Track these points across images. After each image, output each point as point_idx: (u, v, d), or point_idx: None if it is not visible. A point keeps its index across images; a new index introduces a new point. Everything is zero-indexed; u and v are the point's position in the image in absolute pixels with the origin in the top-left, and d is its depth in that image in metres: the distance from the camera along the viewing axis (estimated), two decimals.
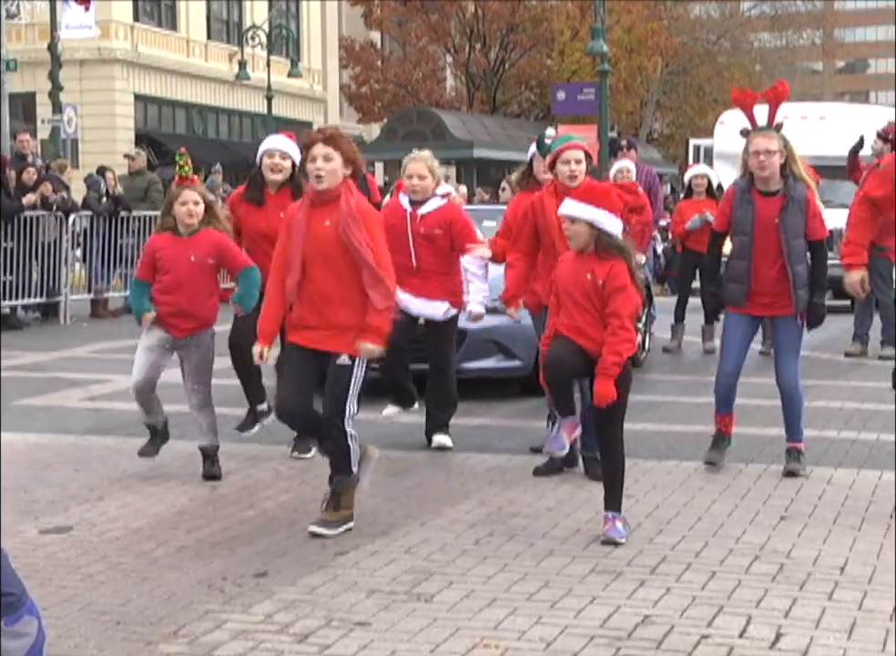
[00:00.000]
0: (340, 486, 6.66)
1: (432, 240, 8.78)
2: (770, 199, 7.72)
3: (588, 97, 32.50)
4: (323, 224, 6.53)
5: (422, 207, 8.81)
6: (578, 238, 6.43)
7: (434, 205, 8.83)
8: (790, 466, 7.90)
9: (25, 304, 17.63)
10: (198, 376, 7.87)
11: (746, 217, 7.76)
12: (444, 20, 48.02)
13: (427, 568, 5.97)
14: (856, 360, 12.63)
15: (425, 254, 8.78)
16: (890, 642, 5.02)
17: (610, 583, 5.78)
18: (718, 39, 54.30)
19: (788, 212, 7.68)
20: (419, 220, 8.78)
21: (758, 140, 7.65)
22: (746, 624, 5.24)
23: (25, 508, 7.16)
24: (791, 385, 7.98)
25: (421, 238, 8.77)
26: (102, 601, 5.56)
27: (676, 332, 14.53)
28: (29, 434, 9.40)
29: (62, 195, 17.78)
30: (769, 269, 7.76)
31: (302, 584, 5.80)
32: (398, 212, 8.85)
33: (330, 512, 6.61)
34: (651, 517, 6.94)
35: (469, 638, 5.07)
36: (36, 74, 33.50)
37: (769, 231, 7.70)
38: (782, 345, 7.99)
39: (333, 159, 6.47)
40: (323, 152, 6.47)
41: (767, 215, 7.70)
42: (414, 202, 8.84)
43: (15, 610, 2.10)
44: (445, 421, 9.00)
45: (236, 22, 46.35)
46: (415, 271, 8.72)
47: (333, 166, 6.48)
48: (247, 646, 5.00)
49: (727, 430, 8.16)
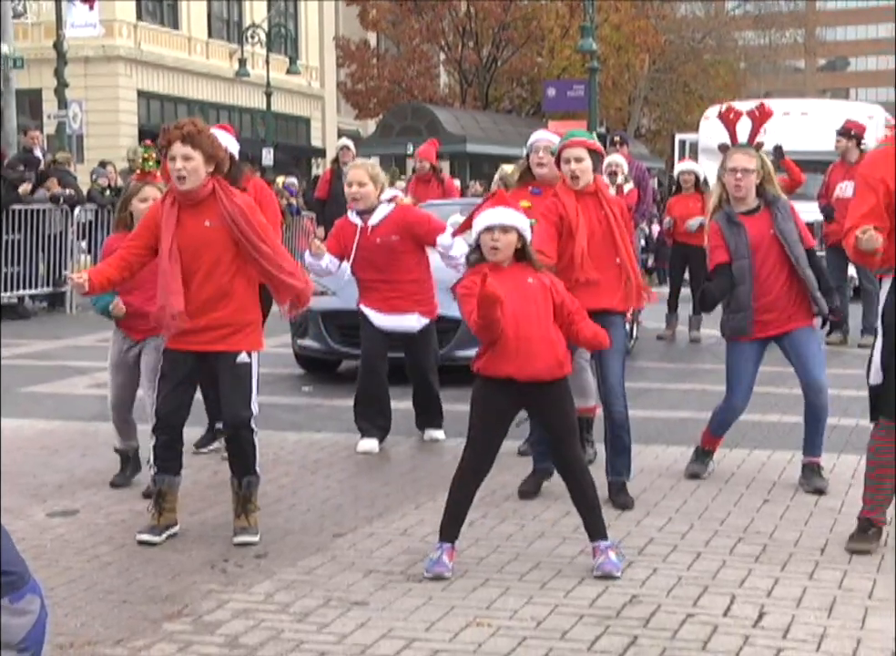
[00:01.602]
0: (250, 487, 6.31)
1: (391, 248, 8.32)
2: (755, 216, 7.25)
3: (578, 93, 32.52)
4: (203, 225, 6.14)
5: (371, 217, 8.36)
6: (509, 248, 5.65)
7: (383, 213, 8.37)
8: (818, 484, 7.22)
9: (32, 294, 17.62)
10: (151, 381, 6.95)
11: (740, 241, 7.22)
12: (437, 19, 47.97)
13: (422, 550, 5.97)
14: (836, 348, 12.64)
15: (384, 265, 8.36)
16: (868, 620, 5.04)
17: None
18: (704, 37, 54.30)
19: (780, 221, 7.22)
20: (370, 232, 8.34)
21: (737, 157, 7.18)
22: (730, 603, 5.25)
23: (33, 492, 7.17)
24: (826, 397, 7.32)
25: (377, 249, 8.31)
26: (108, 581, 5.57)
27: (670, 321, 14.67)
28: (37, 420, 9.41)
29: (70, 192, 17.73)
30: (775, 283, 7.22)
31: (301, 565, 5.81)
32: (348, 230, 8.44)
33: (244, 518, 6.26)
34: (639, 500, 6.95)
35: (463, 616, 5.09)
36: (42, 71, 33.41)
37: (768, 247, 7.21)
38: (811, 358, 7.28)
39: (193, 158, 6.07)
40: (182, 152, 6.07)
41: (758, 232, 7.22)
42: (363, 214, 8.38)
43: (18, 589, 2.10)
44: (435, 416, 8.75)
45: (236, 21, 46.27)
46: (378, 282, 8.38)
47: (194, 164, 6.08)
48: (248, 624, 5.01)
49: (713, 448, 7.72)
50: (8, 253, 16.79)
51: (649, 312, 14.82)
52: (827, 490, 7.17)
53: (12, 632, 2.16)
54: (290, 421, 9.28)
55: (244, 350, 6.27)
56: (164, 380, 6.30)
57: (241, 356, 6.25)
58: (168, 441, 6.32)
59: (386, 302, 8.42)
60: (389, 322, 8.46)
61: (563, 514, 6.52)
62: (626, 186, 13.52)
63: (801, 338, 7.30)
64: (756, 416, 8.91)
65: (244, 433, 6.28)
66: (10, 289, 17.01)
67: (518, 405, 5.78)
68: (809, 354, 7.30)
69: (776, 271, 7.22)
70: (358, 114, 50.37)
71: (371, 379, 8.53)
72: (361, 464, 8.03)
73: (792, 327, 7.29)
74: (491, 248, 5.63)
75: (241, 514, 6.29)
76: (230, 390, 6.27)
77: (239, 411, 6.25)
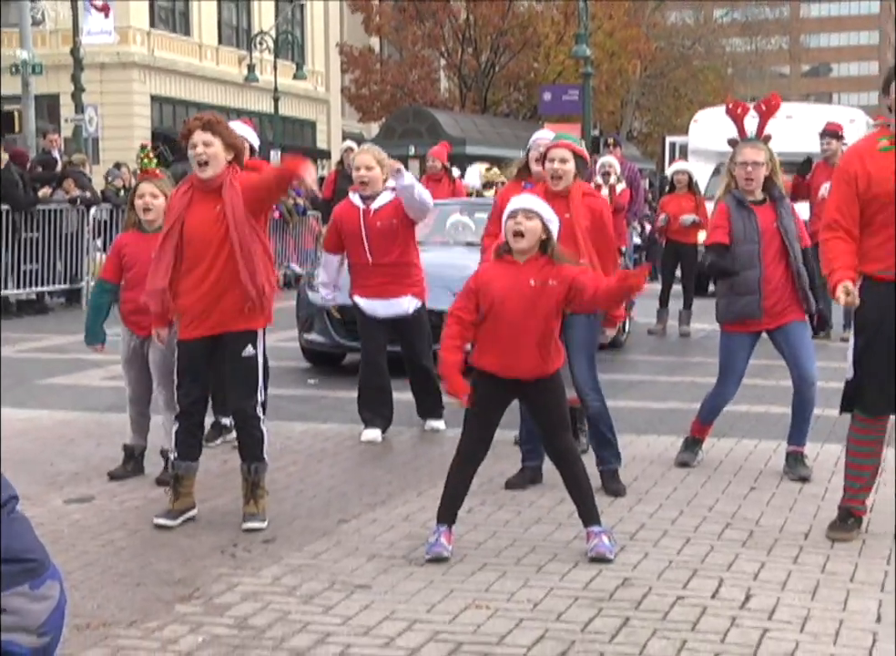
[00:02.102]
0: (257, 474, 6.30)
1: (391, 231, 8.30)
2: (762, 207, 7.27)
3: (572, 97, 32.46)
4: (214, 209, 6.12)
5: (374, 201, 8.34)
6: (533, 234, 5.49)
7: (386, 198, 8.34)
8: (802, 472, 7.21)
9: (50, 290, 17.61)
10: (161, 378, 7.02)
11: (750, 226, 7.23)
12: (438, 26, 47.94)
13: (423, 535, 5.96)
14: (820, 341, 12.63)
15: (381, 249, 8.32)
16: (850, 602, 5.04)
17: None
18: (693, 44, 54.35)
19: (783, 216, 7.26)
20: (373, 215, 8.30)
21: (747, 151, 7.21)
22: (718, 586, 5.25)
23: (50, 480, 7.17)
24: (815, 389, 7.32)
25: (377, 232, 8.29)
26: (122, 565, 5.57)
27: (661, 316, 14.64)
28: (55, 410, 9.40)
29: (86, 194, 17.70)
30: (774, 272, 7.23)
31: (308, 550, 5.80)
32: (351, 212, 8.40)
33: (253, 504, 6.26)
34: (630, 488, 6.95)
35: (462, 599, 5.09)
36: (60, 77, 33.37)
37: (771, 238, 7.23)
38: (803, 351, 7.28)
39: (213, 144, 6.09)
40: (203, 138, 6.09)
41: (764, 221, 7.24)
42: (366, 198, 8.35)
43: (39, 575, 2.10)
44: (435, 406, 8.67)
45: (245, 28, 46.19)
46: (371, 267, 8.34)
47: (214, 150, 6.09)
48: (256, 606, 5.01)
49: (702, 436, 7.70)
50: (27, 251, 16.79)
51: (640, 308, 14.82)
52: (811, 478, 7.16)
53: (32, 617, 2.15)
54: (298, 412, 9.28)
55: (254, 328, 6.23)
56: (182, 372, 6.30)
57: (247, 350, 6.23)
58: (190, 427, 6.34)
59: (379, 287, 8.37)
60: (383, 309, 8.43)
61: (558, 501, 6.52)
62: (619, 186, 13.52)
63: (795, 332, 7.29)
64: (744, 407, 8.92)
65: (251, 421, 6.29)
66: (29, 285, 17.01)
67: (510, 395, 5.75)
68: (801, 348, 7.29)
69: (775, 262, 7.22)
70: (361, 117, 50.30)
71: (371, 371, 8.53)
72: (365, 453, 8.03)
73: (786, 320, 7.27)
74: (514, 232, 5.49)
75: (250, 499, 6.29)
76: (237, 381, 6.28)
77: (245, 401, 6.26)
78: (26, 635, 2.13)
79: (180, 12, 43.46)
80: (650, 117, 55.51)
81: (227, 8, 45.84)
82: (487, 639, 4.65)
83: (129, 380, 7.30)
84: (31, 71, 24.97)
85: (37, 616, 2.16)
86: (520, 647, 4.57)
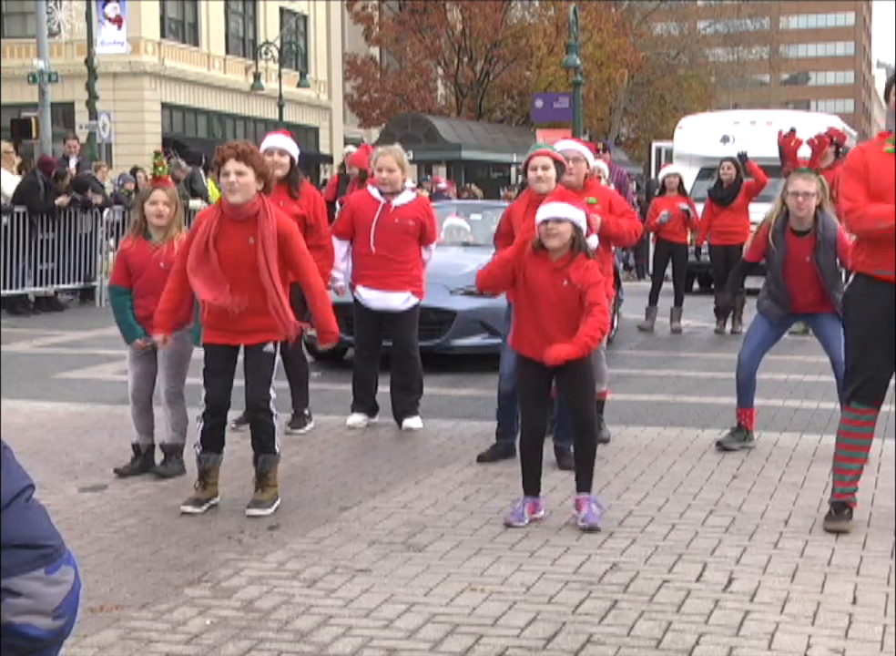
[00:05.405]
0: (266, 464, 6.31)
1: (405, 230, 8.33)
2: (802, 239, 7.36)
3: (563, 105, 32.46)
4: (247, 241, 6.11)
5: (396, 198, 8.36)
6: (563, 236, 5.89)
7: (407, 198, 8.41)
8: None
9: (65, 288, 17.60)
10: (169, 369, 6.95)
11: (778, 254, 7.40)
12: (436, 37, 47.93)
13: (421, 522, 5.97)
14: (799, 337, 12.63)
15: (388, 243, 8.31)
16: (827, 585, 5.04)
17: (582, 535, 5.79)
18: (678, 54, 54.39)
19: (820, 252, 7.33)
20: (392, 210, 8.31)
21: (799, 182, 7.29)
22: (702, 570, 5.25)
23: (66, 469, 7.16)
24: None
25: (391, 227, 8.29)
26: (134, 551, 5.56)
27: (650, 313, 14.60)
28: (70, 403, 9.39)
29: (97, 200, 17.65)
30: (805, 294, 7.43)
31: (311, 536, 5.80)
32: (369, 203, 8.39)
33: (260, 492, 6.28)
34: (619, 476, 6.95)
35: (458, 583, 5.08)
36: (75, 85, 33.34)
37: (802, 268, 7.35)
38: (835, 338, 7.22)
39: (245, 174, 6.06)
40: (236, 167, 6.05)
41: (797, 253, 7.35)
42: (387, 194, 8.37)
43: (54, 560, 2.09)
44: (412, 403, 8.52)
45: (251, 39, 46.15)
46: (373, 257, 8.33)
47: (246, 180, 6.07)
48: (262, 590, 5.00)
49: (748, 424, 7.70)
50: (43, 251, 16.78)
51: (629, 304, 14.82)
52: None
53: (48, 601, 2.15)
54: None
55: (276, 340, 6.30)
56: (208, 372, 6.33)
57: (268, 346, 6.28)
58: (216, 424, 6.37)
59: (381, 279, 8.37)
60: (380, 301, 8.41)
61: (550, 489, 6.51)
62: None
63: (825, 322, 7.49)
64: (726, 400, 8.90)
65: (263, 414, 6.31)
66: (45, 283, 17.00)
67: (550, 370, 5.94)
68: (831, 335, 7.43)
69: (807, 286, 7.42)
70: (362, 123, 50.30)
71: (360, 359, 8.63)
72: (366, 444, 8.02)
73: (819, 311, 7.49)
74: (547, 235, 5.94)
75: (259, 488, 6.31)
76: (254, 375, 6.30)
77: (260, 394, 6.28)
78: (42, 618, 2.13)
79: (189, 23, 43.42)
80: (637, 123, 55.51)
81: (234, 20, 45.82)
82: (482, 620, 4.65)
83: (133, 375, 7.18)
84: (47, 80, 24.94)
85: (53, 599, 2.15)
86: (513, 628, 4.57)
